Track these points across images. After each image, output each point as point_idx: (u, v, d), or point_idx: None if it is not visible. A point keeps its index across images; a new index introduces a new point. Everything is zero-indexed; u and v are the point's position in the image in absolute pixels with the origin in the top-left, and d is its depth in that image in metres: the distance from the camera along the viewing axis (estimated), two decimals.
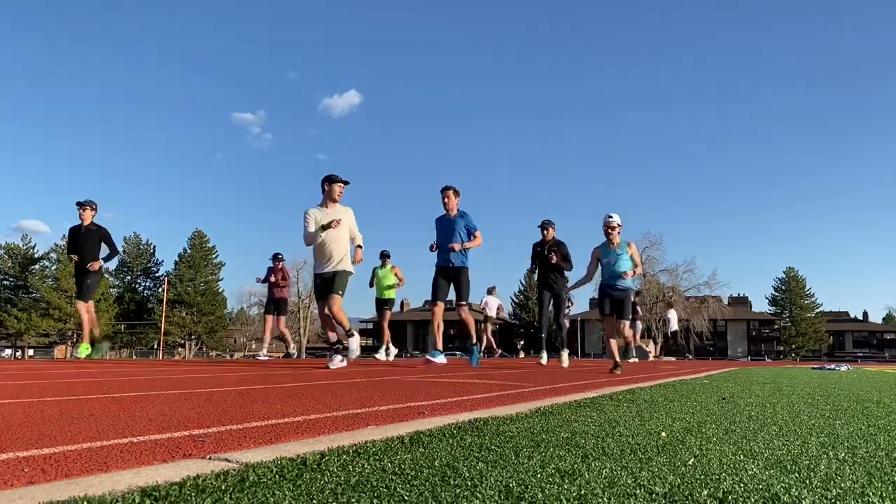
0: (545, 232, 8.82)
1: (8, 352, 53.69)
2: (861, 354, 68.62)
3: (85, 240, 8.57)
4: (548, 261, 8.48)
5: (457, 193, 7.59)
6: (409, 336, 78.92)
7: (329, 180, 6.53)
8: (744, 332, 72.93)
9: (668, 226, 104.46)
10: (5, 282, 55.62)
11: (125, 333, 57.85)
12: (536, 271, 8.87)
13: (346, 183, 6.61)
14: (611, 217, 7.43)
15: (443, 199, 7.59)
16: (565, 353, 8.91)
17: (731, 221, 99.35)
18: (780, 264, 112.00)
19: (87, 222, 8.63)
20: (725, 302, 67.30)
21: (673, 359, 42.70)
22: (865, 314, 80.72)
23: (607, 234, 7.40)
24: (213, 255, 61.63)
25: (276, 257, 11.83)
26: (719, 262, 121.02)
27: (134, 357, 47.35)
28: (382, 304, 11.35)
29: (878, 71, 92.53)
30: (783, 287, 72.53)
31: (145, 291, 62.60)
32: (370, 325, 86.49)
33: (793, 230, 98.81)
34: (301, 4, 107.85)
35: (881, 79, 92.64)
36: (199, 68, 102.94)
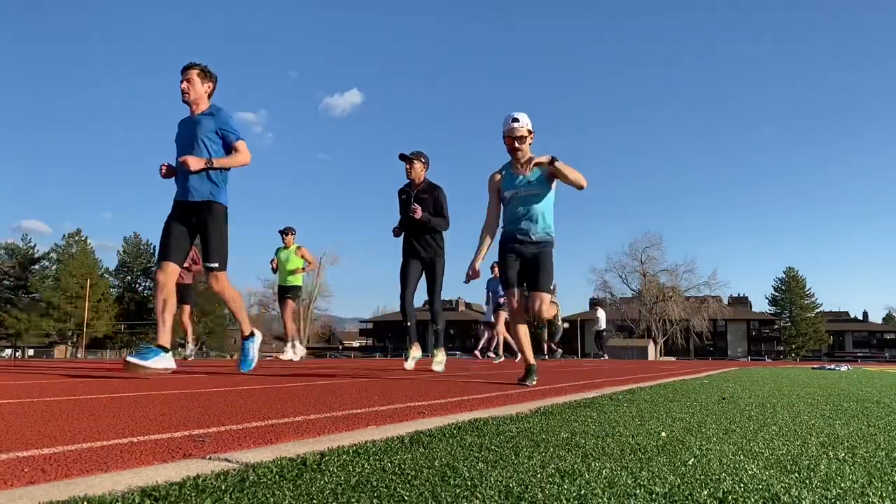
0: (409, 168, 6.09)
1: (8, 352, 53.67)
2: (861, 354, 68.59)
3: None
4: (413, 214, 5.87)
5: (206, 76, 4.47)
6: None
7: None
8: (744, 332, 72.94)
9: (668, 226, 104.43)
10: (5, 282, 55.62)
11: (125, 334, 57.84)
12: (402, 232, 6.18)
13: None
14: (515, 121, 4.31)
15: (180, 84, 4.43)
16: (440, 354, 6.30)
17: (731, 221, 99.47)
18: (780, 264, 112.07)
19: None
20: (725, 302, 67.34)
21: (674, 358, 42.75)
22: (865, 314, 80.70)
23: (512, 151, 4.38)
24: None
25: None
26: (719, 262, 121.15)
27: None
28: (284, 291, 9.40)
29: (878, 70, 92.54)
30: (783, 287, 72.52)
31: (145, 291, 62.57)
32: (370, 325, 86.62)
33: (793, 230, 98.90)
34: (302, 4, 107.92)
35: (882, 77, 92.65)
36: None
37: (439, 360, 6.30)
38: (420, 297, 6.28)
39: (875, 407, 3.24)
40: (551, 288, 4.38)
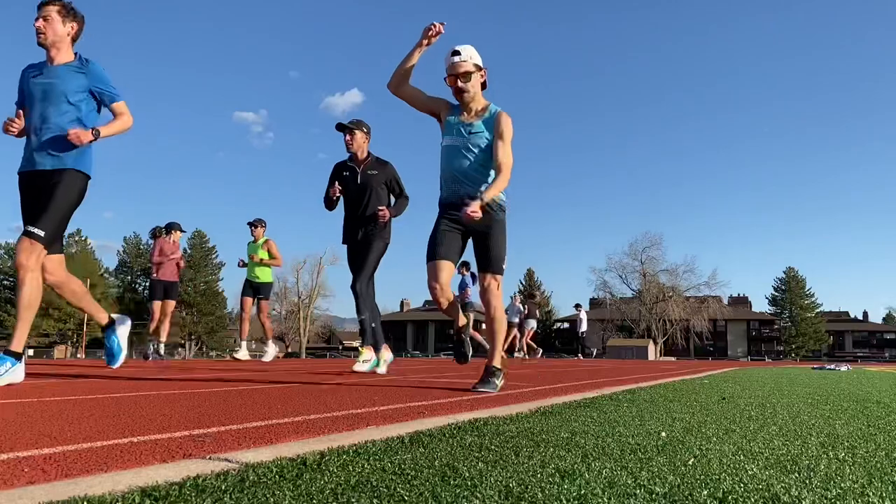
0: (350, 140, 5.33)
1: None
2: (861, 354, 68.57)
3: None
4: (359, 195, 5.29)
5: (69, 14, 3.67)
6: (410, 336, 78.90)
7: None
8: (744, 332, 72.93)
9: (668, 226, 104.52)
10: (5, 282, 55.61)
11: None
12: (340, 205, 5.45)
13: None
14: (456, 54, 3.67)
15: (35, 22, 3.62)
16: (367, 351, 5.24)
17: (731, 221, 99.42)
18: (780, 264, 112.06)
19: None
20: (725, 302, 67.36)
21: (674, 358, 42.78)
22: (865, 314, 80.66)
23: (457, 93, 3.71)
24: (213, 255, 61.68)
25: (173, 227, 9.12)
26: (719, 262, 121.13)
27: (134, 357, 47.30)
28: (256, 290, 8.79)
29: (879, 71, 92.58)
30: (783, 287, 72.52)
31: (145, 291, 62.60)
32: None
33: (793, 230, 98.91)
34: (303, 3, 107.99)
35: (882, 78, 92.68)
36: (200, 67, 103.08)
37: (364, 357, 5.20)
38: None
39: (875, 407, 3.24)
40: (504, 267, 3.68)
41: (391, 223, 5.36)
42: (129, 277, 62.29)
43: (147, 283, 62.45)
